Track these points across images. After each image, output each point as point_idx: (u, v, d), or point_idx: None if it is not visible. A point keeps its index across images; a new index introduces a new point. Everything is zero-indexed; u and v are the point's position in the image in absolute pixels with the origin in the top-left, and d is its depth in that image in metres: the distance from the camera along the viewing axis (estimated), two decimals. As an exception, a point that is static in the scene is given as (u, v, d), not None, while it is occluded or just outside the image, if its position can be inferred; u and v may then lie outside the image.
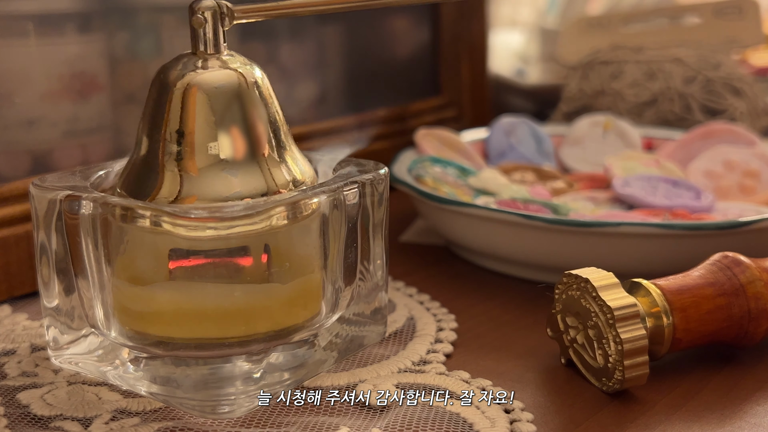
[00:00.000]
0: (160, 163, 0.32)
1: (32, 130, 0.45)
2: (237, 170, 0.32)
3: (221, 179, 0.32)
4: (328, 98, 0.62)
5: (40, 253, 0.34)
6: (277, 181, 0.33)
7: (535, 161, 0.59)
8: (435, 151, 0.55)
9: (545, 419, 0.32)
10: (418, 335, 0.39)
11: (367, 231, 0.35)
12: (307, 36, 0.60)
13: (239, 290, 0.32)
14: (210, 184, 0.32)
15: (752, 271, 0.36)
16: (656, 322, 0.34)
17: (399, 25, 0.68)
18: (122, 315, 0.33)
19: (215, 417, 0.31)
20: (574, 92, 0.69)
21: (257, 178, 0.32)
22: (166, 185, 0.32)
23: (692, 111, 0.64)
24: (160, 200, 0.32)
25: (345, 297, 0.35)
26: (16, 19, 0.44)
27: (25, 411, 0.32)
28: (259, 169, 0.33)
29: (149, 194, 0.32)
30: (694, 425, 0.32)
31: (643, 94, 0.65)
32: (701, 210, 0.48)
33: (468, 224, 0.45)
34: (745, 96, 0.64)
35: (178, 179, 0.32)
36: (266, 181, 0.32)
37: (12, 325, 0.39)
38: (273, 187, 0.33)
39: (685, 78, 0.65)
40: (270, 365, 0.33)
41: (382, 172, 0.36)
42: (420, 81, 0.70)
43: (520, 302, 0.43)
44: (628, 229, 0.41)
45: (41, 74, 0.45)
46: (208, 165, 0.32)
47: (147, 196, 0.32)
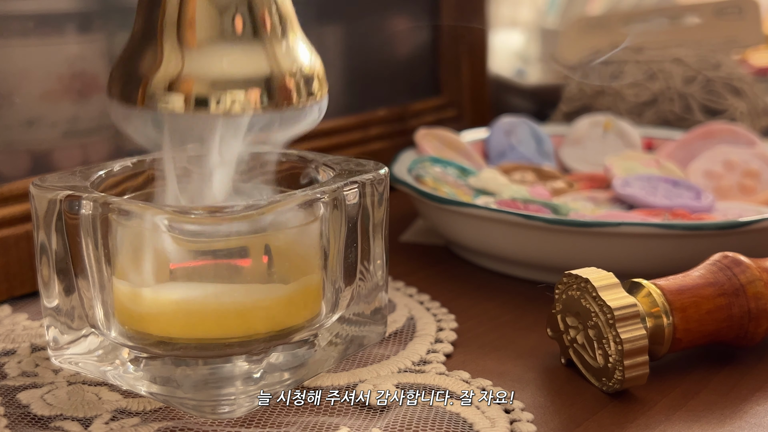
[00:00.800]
0: (159, 37, 0.31)
1: (32, 130, 0.45)
2: (239, 48, 0.31)
3: (222, 56, 0.31)
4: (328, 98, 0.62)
5: (40, 253, 0.34)
6: (282, 65, 0.32)
7: (535, 161, 0.59)
8: (435, 151, 0.55)
9: (545, 419, 0.32)
10: (418, 335, 0.39)
11: (367, 231, 0.36)
12: (307, 36, 0.60)
13: (239, 290, 0.32)
14: (210, 62, 0.31)
15: (752, 271, 0.36)
16: (656, 322, 0.34)
17: (399, 25, 0.68)
18: (122, 315, 0.33)
19: (215, 417, 0.31)
20: (574, 92, 0.69)
21: (260, 59, 0.31)
22: (166, 62, 0.31)
23: (692, 111, 0.64)
24: (158, 81, 0.31)
25: (345, 297, 0.35)
26: (16, 19, 0.44)
27: (25, 411, 0.32)
28: (263, 50, 0.31)
29: (147, 72, 0.31)
30: (694, 425, 0.32)
31: (643, 94, 0.65)
32: (701, 210, 0.48)
33: (468, 224, 0.45)
34: (745, 96, 0.64)
35: (179, 55, 0.31)
36: (270, 64, 0.31)
37: (12, 325, 0.39)
38: (277, 71, 0.32)
39: (685, 78, 0.65)
40: (270, 365, 0.33)
41: (382, 172, 0.36)
42: (420, 81, 0.70)
43: (520, 302, 0.43)
44: (628, 229, 0.41)
45: (41, 74, 0.45)
46: (209, 39, 0.31)
47: (146, 75, 0.31)
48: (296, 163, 0.39)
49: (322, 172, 0.37)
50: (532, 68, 0.89)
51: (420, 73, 0.70)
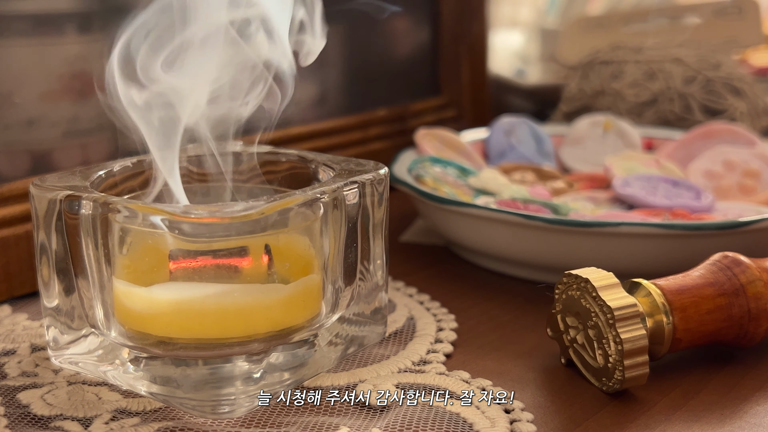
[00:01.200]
0: None
1: (32, 130, 0.45)
2: None
3: None
4: (328, 98, 0.62)
5: (40, 253, 0.34)
6: None
7: (535, 161, 0.59)
8: (435, 151, 0.55)
9: (545, 419, 0.32)
10: (418, 335, 0.39)
11: (367, 231, 0.35)
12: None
13: (239, 290, 0.32)
14: None
15: (752, 271, 0.36)
16: (656, 322, 0.34)
17: (399, 25, 0.68)
18: (122, 315, 0.33)
19: (215, 417, 0.31)
20: (574, 92, 0.69)
21: None
22: None
23: (692, 111, 0.64)
24: None
25: (345, 297, 0.35)
26: (16, 19, 0.44)
27: (25, 411, 0.32)
28: None
29: None
30: (694, 425, 0.32)
31: (643, 94, 0.65)
32: (701, 210, 0.48)
33: (468, 224, 0.45)
34: (745, 96, 0.64)
35: None
36: None
37: (12, 325, 0.39)
38: None
39: (685, 78, 0.65)
40: (270, 365, 0.33)
41: (382, 172, 0.36)
42: (420, 81, 0.70)
43: (520, 302, 0.43)
44: (628, 229, 0.41)
45: (41, 74, 0.45)
46: None
47: None
48: (296, 163, 0.39)
49: (322, 172, 0.37)
50: (532, 68, 0.89)
51: (420, 73, 0.70)
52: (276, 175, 0.40)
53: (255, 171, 0.40)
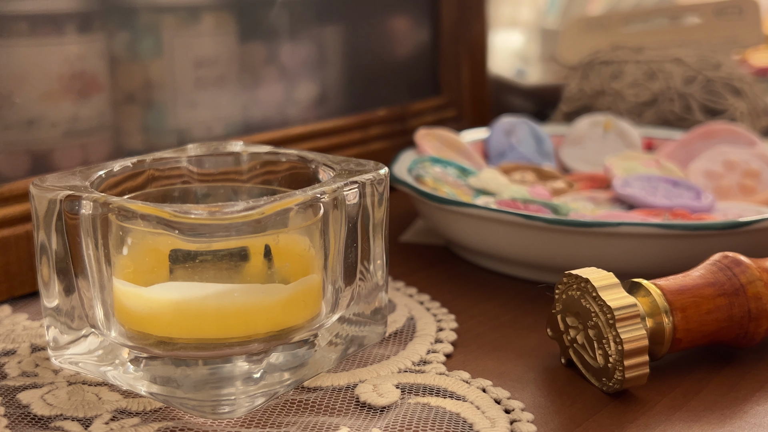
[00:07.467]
0: None
1: (32, 130, 0.45)
2: None
3: None
4: (328, 98, 0.62)
5: (40, 253, 0.34)
6: None
7: (535, 161, 0.59)
8: (435, 151, 0.55)
9: (545, 419, 0.32)
10: (418, 335, 0.39)
11: (367, 231, 0.36)
12: (307, 36, 0.60)
13: (239, 290, 0.32)
14: None
15: (752, 271, 0.36)
16: (656, 322, 0.34)
17: (399, 25, 0.68)
18: (122, 315, 0.33)
19: (215, 417, 0.31)
20: (574, 92, 0.69)
21: None
22: None
23: (692, 111, 0.64)
24: None
25: (345, 297, 0.35)
26: (16, 19, 0.44)
27: (25, 411, 0.32)
28: None
29: None
30: (694, 425, 0.32)
31: (643, 94, 0.65)
32: (701, 210, 0.48)
33: (468, 224, 0.45)
34: (745, 96, 0.64)
35: None
36: None
37: (12, 325, 0.39)
38: None
39: (685, 78, 0.65)
40: (270, 365, 0.33)
41: (382, 172, 0.36)
42: (420, 81, 0.70)
43: (520, 302, 0.43)
44: (628, 229, 0.41)
45: (41, 74, 0.45)
46: None
47: None
48: (296, 163, 0.39)
49: (322, 172, 0.37)
50: (532, 68, 0.89)
51: (420, 73, 0.70)
52: (276, 176, 0.40)
53: (255, 171, 0.40)
